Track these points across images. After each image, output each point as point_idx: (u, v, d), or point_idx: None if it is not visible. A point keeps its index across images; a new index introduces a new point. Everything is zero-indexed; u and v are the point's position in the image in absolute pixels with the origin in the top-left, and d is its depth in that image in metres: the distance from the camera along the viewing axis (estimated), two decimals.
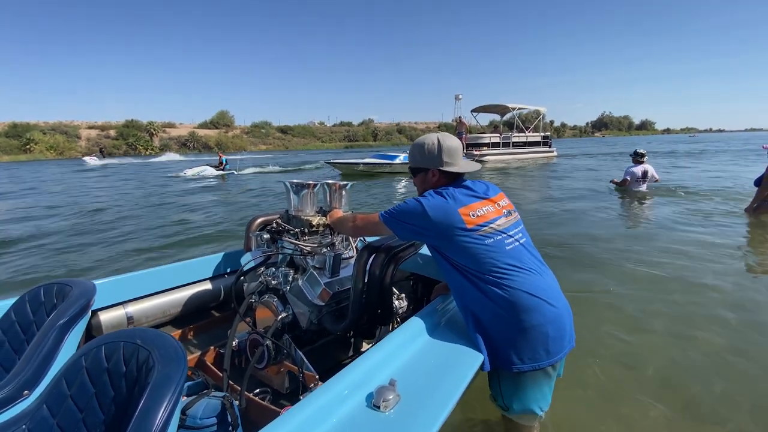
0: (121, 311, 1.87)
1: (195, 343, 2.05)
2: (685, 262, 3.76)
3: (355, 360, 1.11)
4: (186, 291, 2.15)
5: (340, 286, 1.63)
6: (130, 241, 5.79)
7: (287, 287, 1.69)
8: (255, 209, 8.20)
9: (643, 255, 4.01)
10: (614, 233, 5.02)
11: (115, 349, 0.97)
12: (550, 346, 1.23)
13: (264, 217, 2.05)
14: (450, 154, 1.41)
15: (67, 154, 54.12)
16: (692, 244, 4.29)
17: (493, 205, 1.35)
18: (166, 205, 9.47)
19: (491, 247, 1.25)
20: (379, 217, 1.40)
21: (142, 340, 0.95)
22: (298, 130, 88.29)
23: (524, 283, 1.23)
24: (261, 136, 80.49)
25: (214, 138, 69.05)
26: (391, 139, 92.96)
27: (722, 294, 3.08)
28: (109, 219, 7.61)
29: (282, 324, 1.66)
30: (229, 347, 1.61)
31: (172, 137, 67.01)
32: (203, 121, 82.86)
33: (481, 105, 23.18)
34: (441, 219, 1.26)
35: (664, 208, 6.44)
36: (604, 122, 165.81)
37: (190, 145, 65.30)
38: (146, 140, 60.53)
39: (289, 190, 1.80)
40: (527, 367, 1.22)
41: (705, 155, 20.13)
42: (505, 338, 1.24)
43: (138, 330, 1.00)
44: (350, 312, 1.52)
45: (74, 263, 4.71)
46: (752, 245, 4.31)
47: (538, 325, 1.21)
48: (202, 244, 5.49)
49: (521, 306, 1.20)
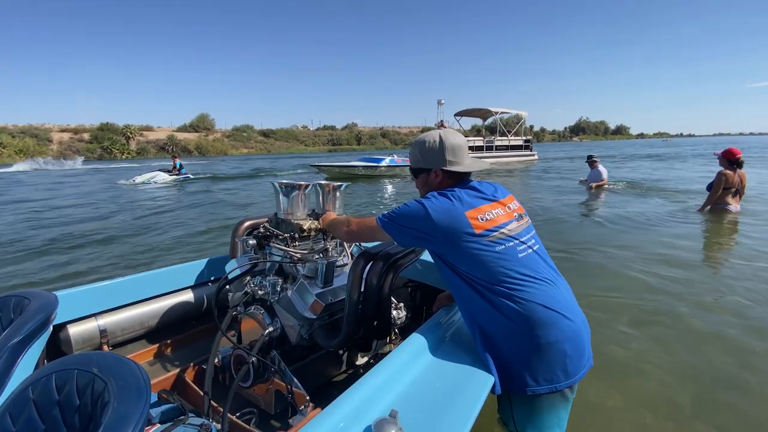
0: (93, 324, 1.71)
1: (174, 358, 1.89)
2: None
3: (351, 387, 0.96)
4: (165, 301, 1.97)
5: (334, 297, 1.48)
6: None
7: (275, 298, 1.54)
8: (198, 222, 7.01)
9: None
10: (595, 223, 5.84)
11: (68, 378, 0.82)
12: (568, 366, 1.09)
13: (252, 221, 1.87)
14: (454, 152, 1.28)
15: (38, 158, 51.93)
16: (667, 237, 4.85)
17: (503, 208, 1.22)
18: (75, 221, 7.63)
19: (502, 255, 1.12)
20: (377, 222, 1.26)
21: (99, 367, 0.82)
22: (280, 133, 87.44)
23: (539, 294, 1.10)
24: (242, 139, 79.26)
25: (194, 142, 67.64)
26: (375, 143, 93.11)
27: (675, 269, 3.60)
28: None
29: (269, 338, 1.51)
30: (210, 367, 1.44)
31: (149, 141, 65.18)
32: (182, 125, 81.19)
33: (464, 109, 23.43)
34: (446, 223, 1.13)
35: (640, 202, 7.41)
36: (582, 127, 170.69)
37: (168, 149, 63.67)
38: (122, 144, 58.72)
39: (278, 192, 1.63)
40: (543, 389, 1.09)
41: (688, 158, 21.26)
42: (518, 357, 1.11)
43: (96, 355, 0.87)
44: (345, 325, 1.36)
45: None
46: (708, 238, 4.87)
47: (555, 342, 1.08)
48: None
49: (536, 320, 1.07)
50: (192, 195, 11.71)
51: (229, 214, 7.76)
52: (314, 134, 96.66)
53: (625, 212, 6.34)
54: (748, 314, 2.71)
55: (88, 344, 1.71)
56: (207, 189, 13.19)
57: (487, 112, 23.44)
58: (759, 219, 5.33)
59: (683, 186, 9.52)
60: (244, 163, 32.05)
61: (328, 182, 1.70)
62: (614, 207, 7.01)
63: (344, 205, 1.77)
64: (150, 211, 8.43)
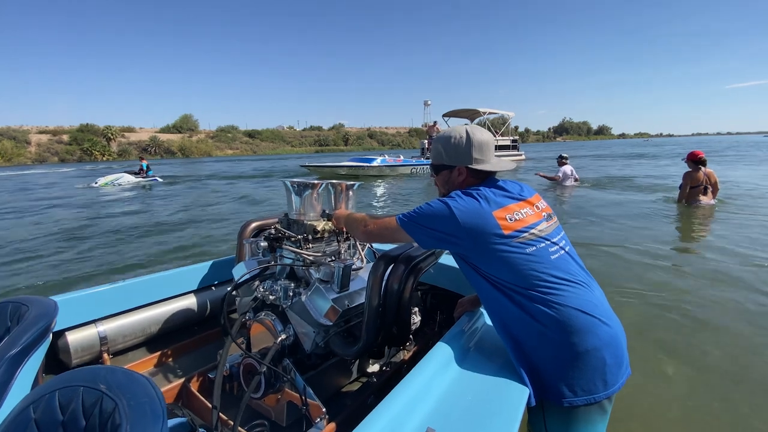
0: (92, 330, 1.63)
1: (178, 367, 1.80)
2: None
3: (380, 405, 0.89)
4: (168, 306, 1.87)
5: (350, 302, 1.40)
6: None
7: (287, 303, 1.45)
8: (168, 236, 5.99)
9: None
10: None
11: (73, 396, 0.75)
12: (607, 375, 1.02)
13: (259, 222, 1.78)
14: (481, 149, 1.21)
15: (16, 160, 50.29)
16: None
17: (532, 208, 1.15)
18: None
19: (534, 257, 1.05)
20: (397, 222, 1.17)
21: (108, 385, 0.74)
22: (266, 134, 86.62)
23: (575, 299, 1.03)
24: (227, 140, 78.19)
25: (178, 143, 66.43)
26: (362, 144, 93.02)
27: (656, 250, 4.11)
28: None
29: (282, 346, 1.42)
30: (219, 377, 1.35)
31: (131, 142, 63.79)
32: (165, 126, 79.69)
33: (452, 110, 23.54)
34: (472, 224, 1.06)
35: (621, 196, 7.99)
36: (565, 128, 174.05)
37: (151, 150, 62.34)
38: (103, 145, 57.23)
39: (290, 191, 1.54)
40: (581, 401, 1.01)
41: (669, 157, 21.97)
42: (553, 366, 1.04)
43: (104, 370, 0.80)
44: (364, 333, 1.29)
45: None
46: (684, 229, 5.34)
47: (593, 349, 1.01)
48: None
49: (573, 327, 1.01)
50: (150, 200, 10.62)
51: (187, 231, 6.25)
52: (301, 135, 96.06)
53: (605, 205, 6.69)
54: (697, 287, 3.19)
55: (88, 352, 1.62)
56: (172, 194, 11.91)
57: (474, 112, 23.61)
58: (732, 207, 6.00)
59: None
60: (226, 165, 31.29)
61: (340, 181, 1.62)
62: (598, 202, 7.26)
63: (356, 204, 1.69)
64: (77, 222, 7.36)
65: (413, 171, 16.11)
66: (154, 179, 15.60)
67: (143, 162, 16.16)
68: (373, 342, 1.31)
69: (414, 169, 16.16)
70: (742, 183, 9.10)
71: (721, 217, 5.41)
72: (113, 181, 14.59)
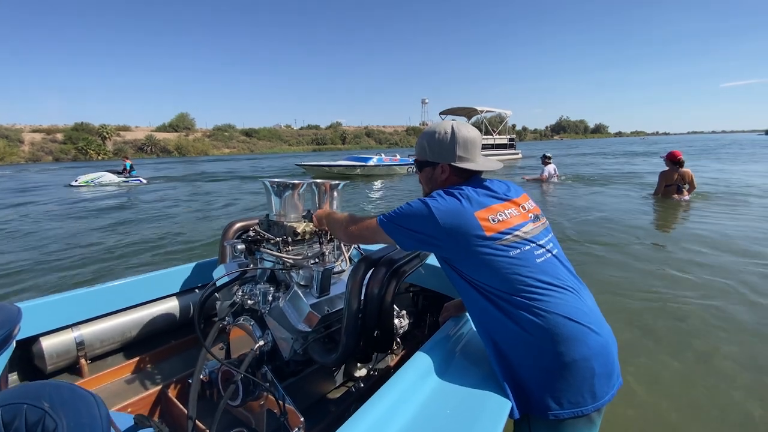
0: (68, 336, 1.59)
1: (158, 372, 1.75)
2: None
3: (354, 415, 0.85)
4: (148, 309, 1.83)
5: (330, 308, 1.35)
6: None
7: (266, 308, 1.40)
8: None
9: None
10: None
11: (16, 413, 0.73)
12: (596, 386, 0.97)
13: (243, 222, 1.72)
14: (466, 147, 1.16)
15: (8, 159, 49.86)
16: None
17: (517, 208, 1.10)
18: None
19: (518, 260, 1.00)
20: (377, 222, 1.13)
21: (52, 402, 0.73)
22: (263, 133, 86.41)
23: (562, 305, 0.98)
24: (224, 139, 77.96)
25: (174, 142, 66.19)
26: (359, 143, 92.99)
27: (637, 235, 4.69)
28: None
29: (260, 353, 1.38)
30: (195, 386, 1.29)
31: (127, 141, 63.52)
32: (161, 124, 79.36)
33: (449, 108, 23.53)
34: (453, 225, 1.01)
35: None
36: (562, 126, 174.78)
37: (147, 149, 62.08)
38: (98, 144, 56.93)
39: (269, 191, 1.48)
40: (567, 414, 0.96)
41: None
42: (538, 376, 0.98)
43: (50, 386, 0.78)
44: (343, 339, 1.24)
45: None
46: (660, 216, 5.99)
47: (581, 359, 0.96)
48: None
49: (560, 335, 0.95)
50: (125, 203, 10.07)
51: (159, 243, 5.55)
52: (298, 134, 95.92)
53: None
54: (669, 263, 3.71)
55: (64, 358, 1.58)
56: (152, 199, 10.89)
57: (472, 110, 23.60)
58: (711, 202, 6.48)
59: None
60: (221, 164, 30.93)
61: (324, 181, 1.57)
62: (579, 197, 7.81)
63: (342, 205, 1.64)
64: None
65: (410, 170, 16.14)
66: (138, 180, 15.10)
67: (127, 161, 15.58)
68: (353, 348, 1.25)
69: (410, 169, 16.19)
70: (728, 179, 9.60)
71: (696, 211, 5.75)
72: (93, 180, 14.22)
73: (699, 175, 7.87)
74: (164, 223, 6.98)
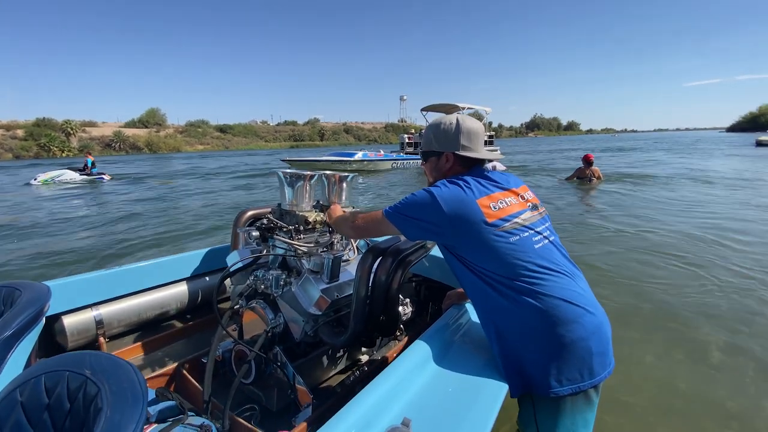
0: (88, 315, 1.67)
1: (173, 351, 1.83)
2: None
3: (360, 393, 0.91)
4: (164, 292, 1.90)
5: (339, 293, 1.43)
6: None
7: (279, 292, 1.47)
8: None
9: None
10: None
11: (59, 380, 0.78)
12: (594, 364, 1.03)
13: (254, 211, 1.80)
14: (469, 137, 1.22)
15: None
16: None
17: (516, 197, 1.16)
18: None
19: (517, 246, 1.05)
20: (383, 214, 1.17)
21: (93, 370, 0.77)
22: (238, 129, 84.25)
23: (559, 288, 1.03)
24: (198, 135, 75.60)
25: (144, 138, 63.63)
26: (338, 139, 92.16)
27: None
28: None
29: (272, 334, 1.45)
30: (210, 363, 1.37)
31: (93, 137, 60.48)
32: (131, 120, 76.12)
33: (430, 104, 23.59)
34: (456, 212, 1.06)
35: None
36: (537, 123, 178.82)
37: (115, 145, 59.48)
38: (62, 141, 53.89)
39: (282, 182, 1.56)
40: (566, 390, 1.01)
41: (647, 150, 25.16)
42: (539, 357, 1.04)
43: (89, 355, 0.83)
44: (351, 323, 1.31)
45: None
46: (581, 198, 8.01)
47: (579, 339, 1.01)
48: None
49: (559, 317, 1.01)
50: (87, 201, 9.56)
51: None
52: (275, 130, 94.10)
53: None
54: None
55: (84, 336, 1.66)
56: (116, 199, 10.20)
57: (453, 107, 23.76)
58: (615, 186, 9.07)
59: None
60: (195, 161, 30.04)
61: (334, 172, 1.64)
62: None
63: (351, 197, 1.71)
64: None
65: (394, 165, 16.22)
66: (101, 177, 14.52)
67: (89, 158, 14.92)
68: (360, 332, 1.33)
69: (395, 164, 16.28)
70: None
71: (602, 194, 8.13)
72: (54, 178, 13.61)
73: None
74: (128, 224, 6.67)
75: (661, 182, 9.68)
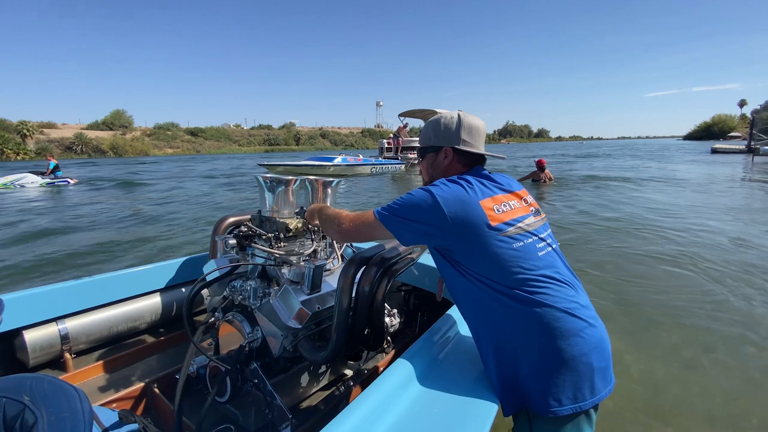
0: (53, 329, 1.56)
1: (145, 367, 1.73)
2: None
3: (338, 416, 0.84)
4: (136, 304, 1.79)
5: (321, 305, 1.34)
6: None
7: (257, 304, 1.38)
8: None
9: None
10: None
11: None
12: (595, 381, 0.96)
13: (235, 218, 1.70)
14: (470, 132, 1.15)
15: None
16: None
17: (519, 201, 1.08)
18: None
19: (520, 253, 0.97)
20: (374, 216, 1.05)
21: (32, 396, 0.72)
22: (210, 132, 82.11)
23: (562, 299, 0.96)
24: (167, 138, 73.05)
25: (109, 141, 60.82)
26: (314, 143, 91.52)
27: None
28: None
29: (249, 349, 1.35)
30: (182, 381, 1.26)
31: (52, 140, 57.29)
32: (93, 122, 72.69)
33: (408, 110, 23.74)
34: (458, 214, 0.97)
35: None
36: (509, 130, 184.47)
37: (77, 148, 56.54)
38: (17, 143, 50.68)
39: (262, 187, 1.47)
40: (567, 410, 0.93)
41: (620, 157, 26.63)
42: (537, 373, 0.96)
43: (30, 379, 0.76)
44: (333, 336, 1.23)
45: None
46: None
47: (581, 354, 0.94)
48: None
49: (560, 330, 0.93)
50: (49, 207, 8.96)
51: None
52: (249, 133, 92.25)
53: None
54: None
55: (47, 352, 1.54)
56: (80, 203, 9.68)
57: (431, 112, 23.98)
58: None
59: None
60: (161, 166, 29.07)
61: (318, 177, 1.57)
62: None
63: (336, 203, 1.63)
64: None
65: (373, 170, 16.30)
66: (65, 180, 13.87)
67: (51, 160, 14.20)
68: (342, 346, 1.25)
69: (374, 169, 16.37)
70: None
71: (550, 190, 9.93)
72: (13, 182, 12.88)
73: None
74: (95, 233, 6.25)
75: (649, 183, 11.18)
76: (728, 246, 4.55)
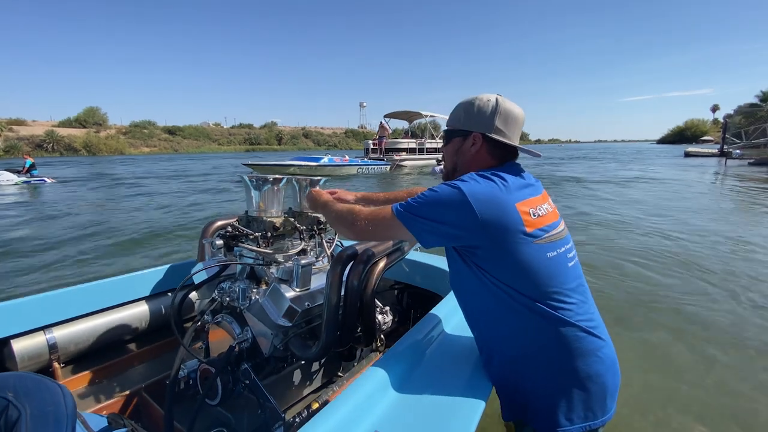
0: (41, 338, 1.54)
1: (135, 374, 1.73)
2: None
3: (323, 409, 0.82)
4: (125, 311, 1.76)
5: (311, 302, 1.33)
6: None
7: (246, 304, 1.36)
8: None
9: None
10: None
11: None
12: (607, 401, 0.92)
13: (223, 221, 1.67)
14: (506, 120, 0.99)
15: None
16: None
17: (550, 205, 0.97)
18: None
19: (552, 263, 0.88)
20: (392, 213, 0.93)
21: (16, 392, 0.74)
22: (189, 131, 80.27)
23: (582, 315, 0.90)
24: (143, 137, 71.09)
25: (82, 139, 58.67)
26: (297, 143, 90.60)
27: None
28: None
29: (239, 350, 1.33)
30: (172, 383, 1.26)
31: (22, 137, 54.90)
32: (66, 119, 70.05)
33: (393, 111, 23.81)
34: (491, 215, 0.85)
35: None
36: None
37: (48, 146, 54.31)
38: None
39: (248, 187, 1.45)
40: (576, 429, 0.89)
41: (602, 160, 28.02)
42: (549, 390, 0.90)
43: (13, 377, 0.78)
44: (323, 333, 1.21)
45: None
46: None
47: (596, 374, 0.89)
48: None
49: (579, 349, 0.88)
50: (27, 207, 8.74)
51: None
52: (229, 132, 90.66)
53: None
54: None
55: (35, 361, 1.52)
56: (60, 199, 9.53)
57: (416, 114, 24.28)
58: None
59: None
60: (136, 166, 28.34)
61: (305, 176, 1.56)
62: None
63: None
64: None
65: (359, 171, 16.35)
66: (41, 179, 13.70)
67: (27, 159, 14.06)
68: (333, 342, 1.25)
69: (360, 169, 16.41)
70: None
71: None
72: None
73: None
74: (74, 233, 6.05)
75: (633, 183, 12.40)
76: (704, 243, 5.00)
